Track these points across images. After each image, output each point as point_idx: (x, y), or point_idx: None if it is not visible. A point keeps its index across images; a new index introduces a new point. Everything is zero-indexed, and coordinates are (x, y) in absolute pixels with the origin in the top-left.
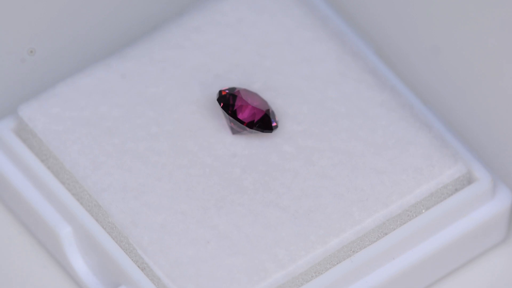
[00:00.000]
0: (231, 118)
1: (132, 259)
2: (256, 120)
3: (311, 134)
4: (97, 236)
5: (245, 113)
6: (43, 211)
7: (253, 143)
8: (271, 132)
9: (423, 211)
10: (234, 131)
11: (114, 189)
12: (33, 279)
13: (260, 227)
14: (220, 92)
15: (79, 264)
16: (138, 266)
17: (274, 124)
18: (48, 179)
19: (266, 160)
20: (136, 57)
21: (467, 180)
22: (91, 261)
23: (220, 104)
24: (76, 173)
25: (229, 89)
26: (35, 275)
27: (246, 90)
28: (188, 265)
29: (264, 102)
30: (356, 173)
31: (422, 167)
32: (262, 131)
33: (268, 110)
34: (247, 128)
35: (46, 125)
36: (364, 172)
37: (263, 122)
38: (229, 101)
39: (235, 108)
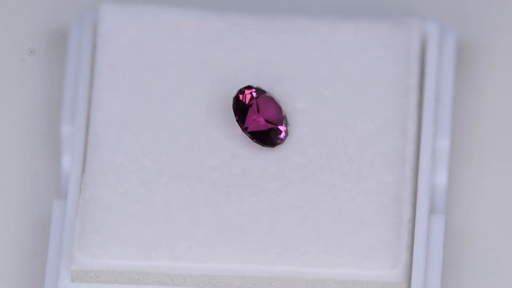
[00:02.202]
0: (238, 121)
1: None
2: (258, 132)
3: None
4: None
5: (251, 123)
6: None
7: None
8: (272, 147)
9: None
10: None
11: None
12: None
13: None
14: (237, 96)
15: None
16: None
17: (279, 140)
18: None
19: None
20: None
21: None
22: None
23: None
24: None
25: (257, 89)
26: None
27: (264, 97)
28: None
29: (279, 112)
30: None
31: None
32: (263, 146)
33: (272, 129)
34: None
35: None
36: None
37: (265, 137)
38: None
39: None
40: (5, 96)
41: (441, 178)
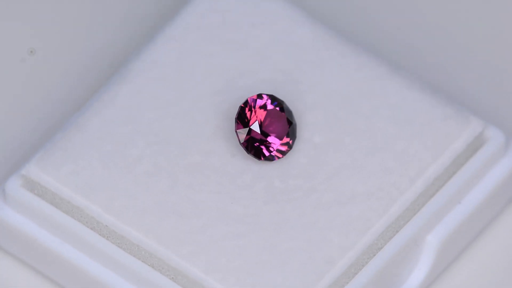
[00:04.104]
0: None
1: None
2: (251, 146)
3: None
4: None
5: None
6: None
7: None
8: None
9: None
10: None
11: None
12: None
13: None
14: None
15: None
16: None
17: (271, 154)
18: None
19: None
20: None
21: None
22: None
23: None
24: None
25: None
26: None
27: (272, 111)
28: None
29: (284, 130)
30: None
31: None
32: (258, 159)
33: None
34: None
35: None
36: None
37: (258, 151)
38: (244, 117)
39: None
40: None
41: None
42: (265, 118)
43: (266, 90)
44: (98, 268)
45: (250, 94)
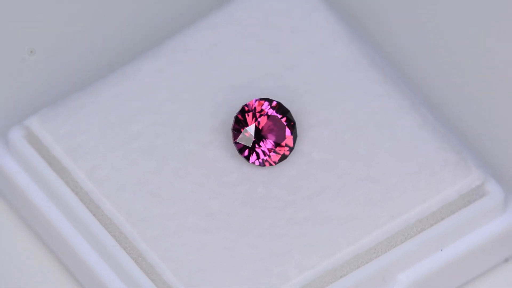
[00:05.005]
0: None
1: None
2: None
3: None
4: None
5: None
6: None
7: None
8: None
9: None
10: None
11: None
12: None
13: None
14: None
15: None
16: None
17: (259, 159)
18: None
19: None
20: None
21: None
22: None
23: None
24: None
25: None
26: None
27: (273, 118)
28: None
29: (280, 139)
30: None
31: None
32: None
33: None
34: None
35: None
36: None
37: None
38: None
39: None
40: None
41: None
42: (264, 124)
43: (282, 96)
44: (71, 232)
45: (265, 96)
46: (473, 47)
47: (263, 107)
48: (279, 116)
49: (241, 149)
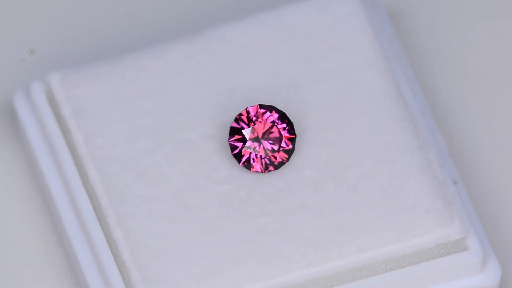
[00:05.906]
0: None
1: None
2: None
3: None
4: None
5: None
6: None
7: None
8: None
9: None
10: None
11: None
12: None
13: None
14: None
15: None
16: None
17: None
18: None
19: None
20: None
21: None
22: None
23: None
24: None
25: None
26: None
27: (272, 128)
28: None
29: (273, 149)
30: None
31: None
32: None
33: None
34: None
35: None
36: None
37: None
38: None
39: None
40: None
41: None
42: (264, 130)
43: (298, 108)
44: (60, 194)
45: (276, 103)
46: None
47: (264, 114)
48: (281, 128)
49: (233, 148)
